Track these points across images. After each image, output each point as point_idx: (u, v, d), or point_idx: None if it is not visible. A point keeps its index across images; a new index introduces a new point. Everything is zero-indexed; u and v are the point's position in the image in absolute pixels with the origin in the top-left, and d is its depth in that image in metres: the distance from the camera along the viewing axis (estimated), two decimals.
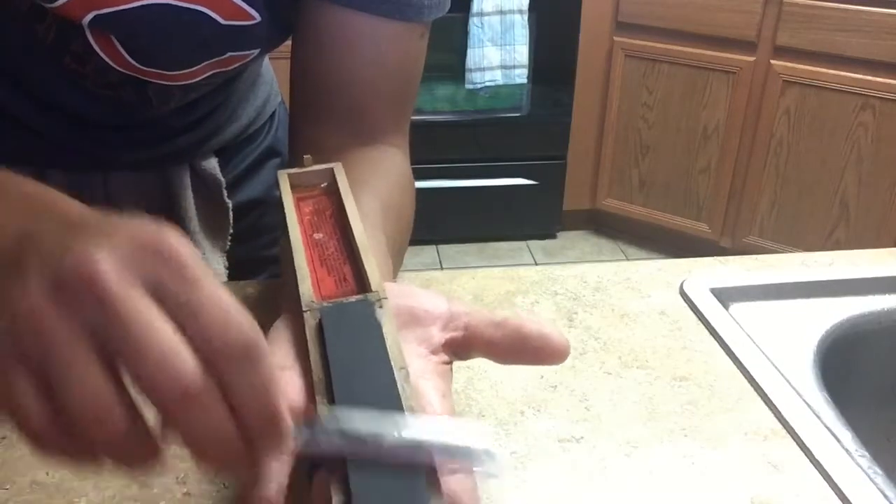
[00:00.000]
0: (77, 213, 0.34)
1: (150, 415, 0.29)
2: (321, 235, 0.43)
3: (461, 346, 0.39)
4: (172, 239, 0.30)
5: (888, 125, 2.18)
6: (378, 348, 0.36)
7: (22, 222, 0.32)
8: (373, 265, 0.40)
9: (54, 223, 0.32)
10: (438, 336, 0.39)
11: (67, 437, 0.29)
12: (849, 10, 2.15)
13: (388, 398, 0.33)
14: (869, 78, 2.18)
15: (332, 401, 0.33)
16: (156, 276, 0.29)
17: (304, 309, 0.38)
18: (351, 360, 0.35)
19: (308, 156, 0.49)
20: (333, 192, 0.46)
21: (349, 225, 0.43)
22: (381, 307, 0.38)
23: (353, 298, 0.38)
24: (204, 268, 0.30)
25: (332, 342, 0.36)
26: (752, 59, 2.34)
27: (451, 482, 0.32)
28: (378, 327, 0.37)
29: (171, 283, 0.29)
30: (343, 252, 0.42)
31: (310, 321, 0.37)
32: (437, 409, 0.35)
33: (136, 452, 0.30)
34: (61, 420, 0.28)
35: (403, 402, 0.33)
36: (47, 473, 0.46)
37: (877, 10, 2.11)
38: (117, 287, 0.28)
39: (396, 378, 0.34)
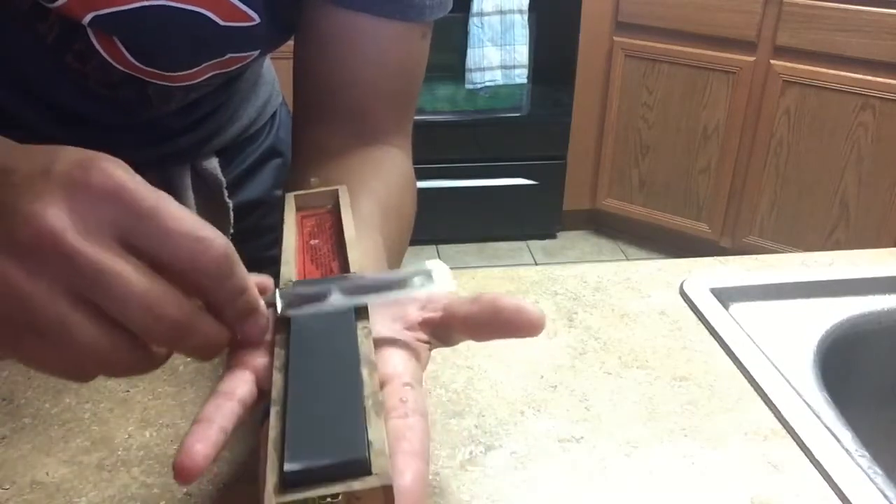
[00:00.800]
0: (10, 165, 0.31)
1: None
2: (317, 241, 0.44)
3: (439, 326, 0.39)
4: (114, 174, 0.30)
5: (888, 125, 2.18)
6: (344, 310, 0.37)
7: None
8: (356, 254, 0.41)
9: None
10: (415, 314, 0.39)
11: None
12: (849, 10, 2.15)
13: (346, 348, 0.34)
14: (869, 78, 2.18)
15: (288, 354, 0.35)
16: (112, 217, 0.30)
17: (280, 286, 0.38)
18: (315, 320, 0.36)
19: (315, 178, 0.49)
20: (336, 212, 0.47)
21: (344, 231, 0.43)
22: None
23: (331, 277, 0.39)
24: (154, 193, 0.31)
25: (302, 309, 0.37)
26: (752, 59, 2.34)
27: (396, 430, 0.32)
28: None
29: (129, 221, 0.30)
30: (334, 253, 0.43)
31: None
32: (399, 369, 0.35)
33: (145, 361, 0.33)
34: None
35: (360, 351, 0.34)
36: (47, 473, 0.46)
37: (877, 10, 2.12)
38: (80, 244, 0.29)
39: (358, 334, 0.35)
